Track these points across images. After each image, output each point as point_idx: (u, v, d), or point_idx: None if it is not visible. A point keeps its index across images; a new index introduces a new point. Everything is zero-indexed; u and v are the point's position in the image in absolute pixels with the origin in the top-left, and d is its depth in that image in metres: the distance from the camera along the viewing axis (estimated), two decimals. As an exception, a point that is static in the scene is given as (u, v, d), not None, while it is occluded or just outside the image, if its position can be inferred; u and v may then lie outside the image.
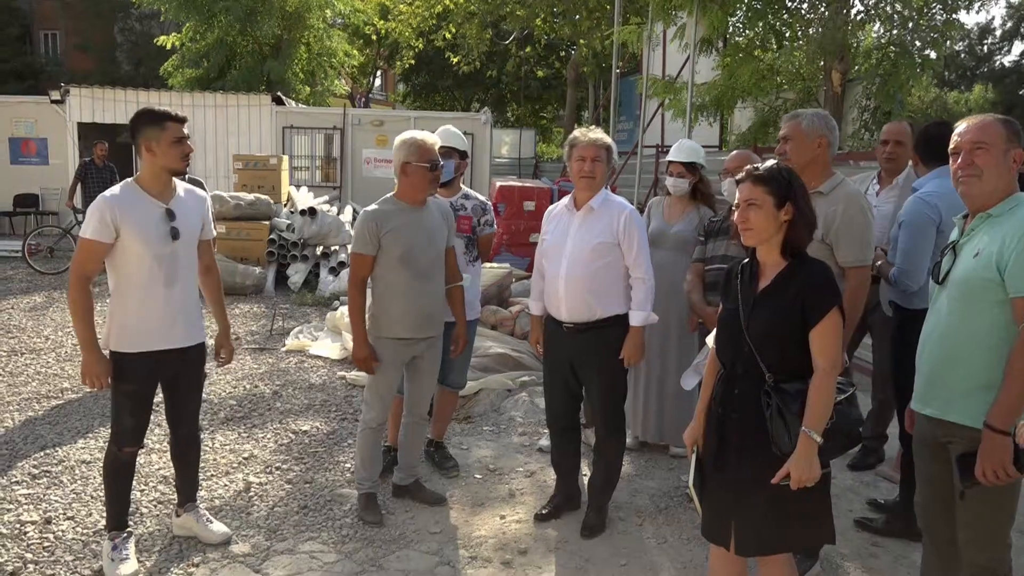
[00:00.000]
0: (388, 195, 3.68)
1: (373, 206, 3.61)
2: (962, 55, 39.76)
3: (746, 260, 2.55)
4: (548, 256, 3.65)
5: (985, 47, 39.64)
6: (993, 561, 2.46)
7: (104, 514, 3.68)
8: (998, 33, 39.09)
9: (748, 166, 2.51)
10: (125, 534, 3.30)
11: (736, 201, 2.47)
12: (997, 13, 42.73)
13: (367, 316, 3.65)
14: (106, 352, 3.15)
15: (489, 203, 4.36)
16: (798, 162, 3.18)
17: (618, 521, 3.82)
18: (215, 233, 3.54)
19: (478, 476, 4.31)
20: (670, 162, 4.36)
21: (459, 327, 3.90)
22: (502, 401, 5.47)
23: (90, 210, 3.09)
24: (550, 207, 3.89)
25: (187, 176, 6.30)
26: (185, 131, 3.18)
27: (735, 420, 2.44)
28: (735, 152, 4.32)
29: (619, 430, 3.72)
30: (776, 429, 2.30)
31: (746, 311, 2.44)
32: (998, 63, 38.89)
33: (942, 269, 2.54)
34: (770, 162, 2.52)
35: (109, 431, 3.30)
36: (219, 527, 3.53)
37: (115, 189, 3.16)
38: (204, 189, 6.59)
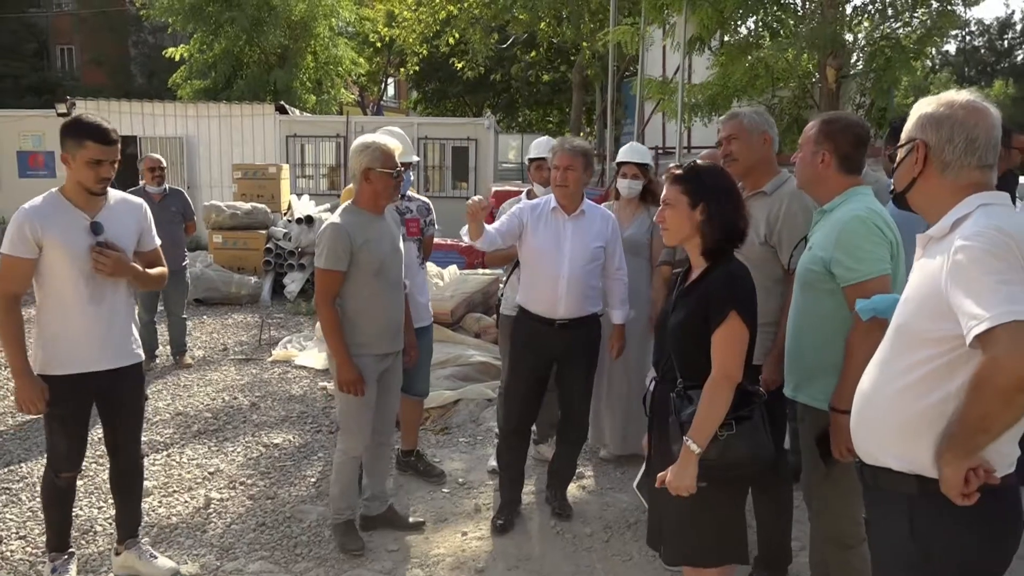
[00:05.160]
0: (347, 204, 3.50)
1: (336, 219, 3.39)
2: (982, 51, 39.22)
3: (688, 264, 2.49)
4: (540, 258, 3.66)
5: (1005, 42, 39.03)
6: (840, 532, 2.61)
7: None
8: (1018, 28, 38.50)
9: (671, 165, 2.47)
10: (66, 555, 3.18)
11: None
12: (1017, 7, 42.07)
13: None
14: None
15: (431, 203, 4.30)
16: (746, 161, 3.08)
17: (584, 536, 3.68)
18: (158, 242, 3.30)
19: (445, 491, 4.19)
20: (623, 164, 4.32)
21: (410, 335, 3.78)
22: (481, 411, 5.35)
23: (11, 222, 2.90)
24: (525, 203, 3.91)
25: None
26: (108, 155, 2.90)
27: (656, 425, 2.42)
28: (704, 153, 4.23)
29: (587, 418, 3.89)
30: (673, 435, 2.27)
31: (670, 313, 2.40)
32: (1019, 58, 38.27)
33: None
34: (691, 161, 2.47)
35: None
36: (164, 562, 3.30)
37: (36, 200, 2.94)
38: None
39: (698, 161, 2.48)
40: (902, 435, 1.73)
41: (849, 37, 7.02)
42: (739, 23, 7.62)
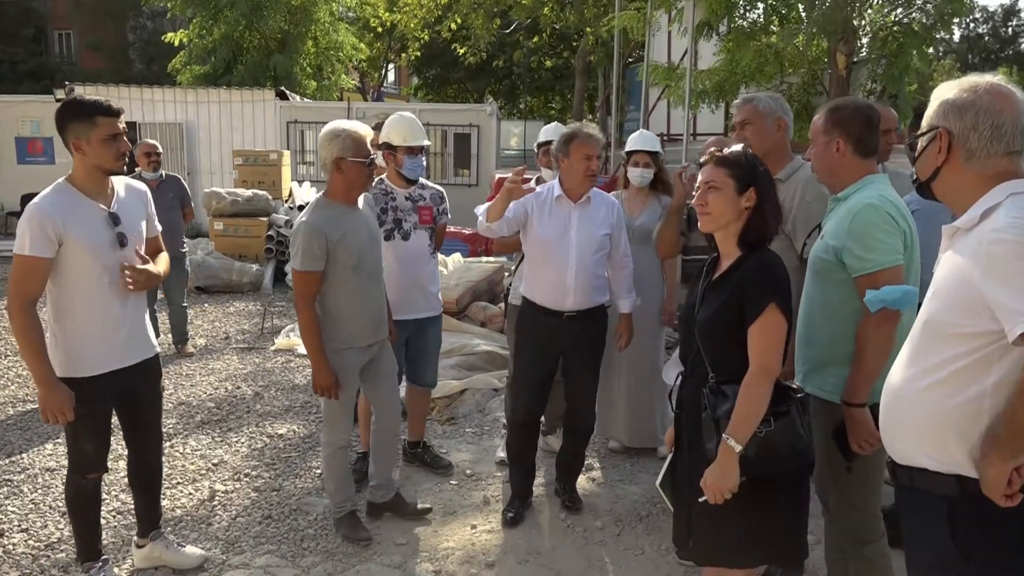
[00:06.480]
0: (318, 197, 3.36)
1: (306, 216, 3.26)
2: (986, 38, 38.98)
3: (715, 253, 2.39)
4: (546, 248, 3.58)
5: (1010, 29, 38.79)
6: (859, 528, 2.56)
7: (60, 526, 3.57)
8: (1023, 15, 38.23)
9: (712, 148, 2.36)
10: (100, 563, 3.06)
11: (697, 184, 2.31)
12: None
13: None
14: None
15: (444, 192, 4.21)
16: (760, 148, 3.01)
17: (595, 530, 3.63)
18: (160, 228, 3.22)
19: (453, 482, 4.13)
20: (633, 153, 4.25)
21: (388, 321, 3.64)
22: (488, 401, 5.28)
23: (25, 220, 2.71)
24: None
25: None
26: (121, 125, 2.83)
27: (685, 421, 2.33)
28: (712, 139, 4.16)
29: (594, 410, 3.85)
30: (707, 432, 2.17)
31: (698, 305, 2.30)
32: (1023, 45, 38.03)
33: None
34: (737, 146, 2.35)
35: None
36: (192, 550, 3.27)
37: (48, 194, 2.75)
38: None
39: (738, 146, 2.38)
40: (936, 434, 1.67)
41: (859, 23, 6.90)
42: (748, 8, 7.51)
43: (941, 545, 1.66)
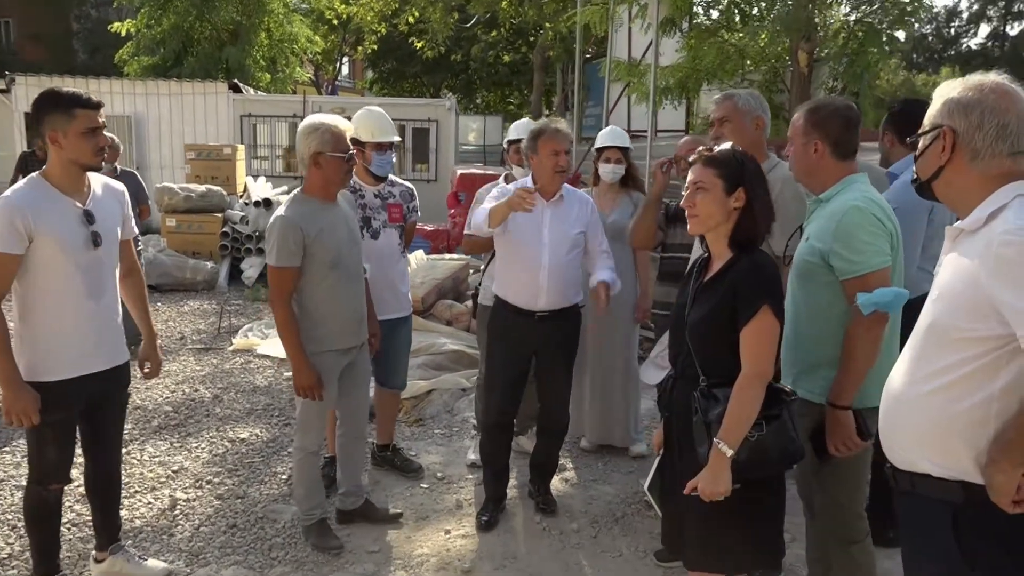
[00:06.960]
0: (295, 193, 3.28)
1: (283, 211, 3.16)
2: (930, 38, 40.05)
3: (707, 253, 2.35)
4: (519, 247, 3.50)
5: (952, 30, 39.95)
6: (844, 528, 2.54)
7: (10, 541, 3.39)
8: (965, 16, 39.42)
9: (701, 147, 2.32)
10: None
11: (686, 184, 2.27)
12: (964, -5, 42.99)
13: None
14: None
15: (414, 189, 4.12)
16: (738, 145, 2.98)
17: (571, 533, 3.57)
18: (136, 231, 3.11)
19: (424, 486, 4.04)
20: (604, 149, 4.22)
21: (373, 324, 3.58)
22: (456, 401, 5.20)
23: None
24: (504, 188, 3.78)
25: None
26: (100, 119, 2.72)
27: (674, 424, 2.29)
28: (686, 138, 4.17)
29: (568, 410, 3.76)
30: (698, 436, 2.13)
31: (689, 306, 2.25)
32: (965, 46, 39.23)
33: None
34: (726, 145, 2.32)
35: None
36: (155, 563, 3.14)
37: (22, 188, 2.65)
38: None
39: (726, 145, 2.34)
40: (940, 439, 1.64)
41: (821, 20, 6.98)
42: (711, 5, 7.54)
43: (945, 551, 1.64)
